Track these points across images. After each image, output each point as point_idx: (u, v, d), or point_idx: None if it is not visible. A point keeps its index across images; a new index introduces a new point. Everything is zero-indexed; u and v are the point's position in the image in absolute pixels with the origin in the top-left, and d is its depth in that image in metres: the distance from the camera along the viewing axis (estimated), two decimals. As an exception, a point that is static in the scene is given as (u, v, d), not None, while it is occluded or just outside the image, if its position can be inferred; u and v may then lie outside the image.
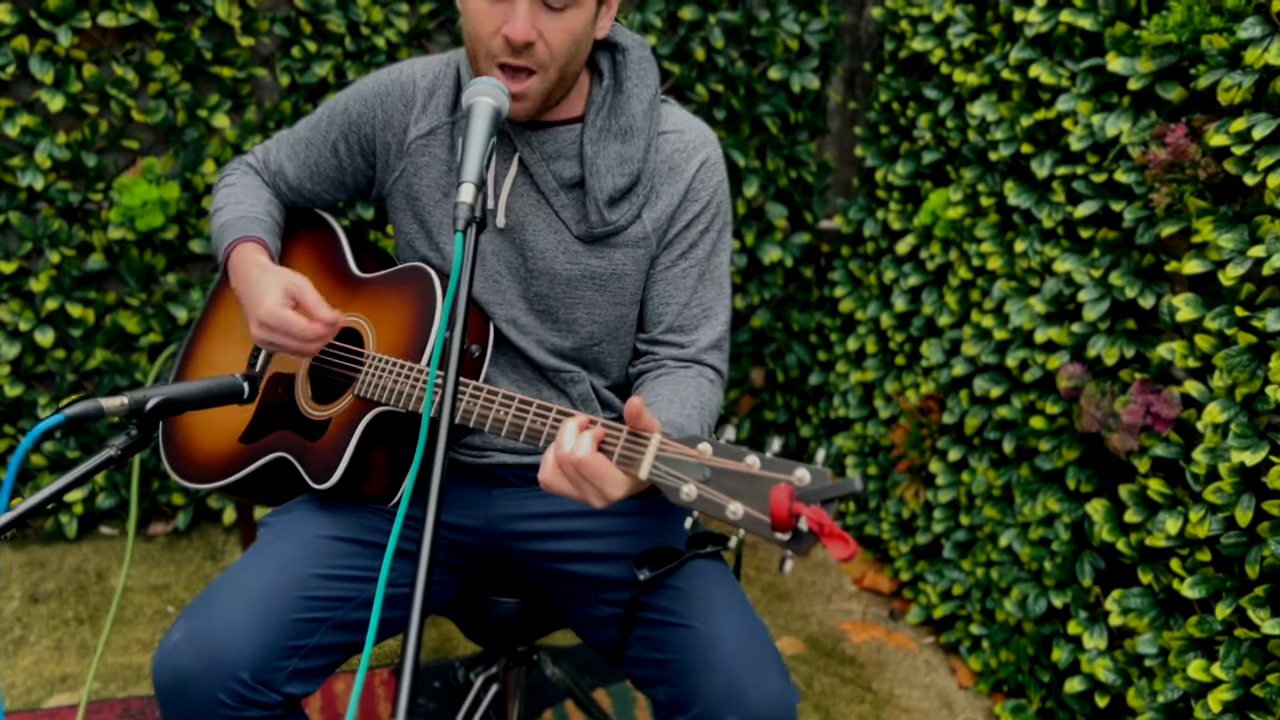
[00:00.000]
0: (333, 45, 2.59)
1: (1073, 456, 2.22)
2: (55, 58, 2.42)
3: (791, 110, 2.98)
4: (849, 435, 3.03)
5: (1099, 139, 2.10)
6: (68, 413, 1.07)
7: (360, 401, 1.51)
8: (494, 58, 1.43)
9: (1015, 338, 2.37)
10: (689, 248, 1.59)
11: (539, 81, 1.45)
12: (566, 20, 1.42)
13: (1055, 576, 2.26)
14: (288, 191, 1.75)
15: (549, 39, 1.42)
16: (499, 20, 1.41)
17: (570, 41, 1.43)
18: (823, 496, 1.07)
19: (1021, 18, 2.30)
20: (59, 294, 2.56)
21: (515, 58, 1.42)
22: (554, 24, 1.41)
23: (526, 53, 1.42)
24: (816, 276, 3.23)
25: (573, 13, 1.42)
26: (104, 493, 2.74)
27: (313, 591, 1.43)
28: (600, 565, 1.54)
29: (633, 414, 1.20)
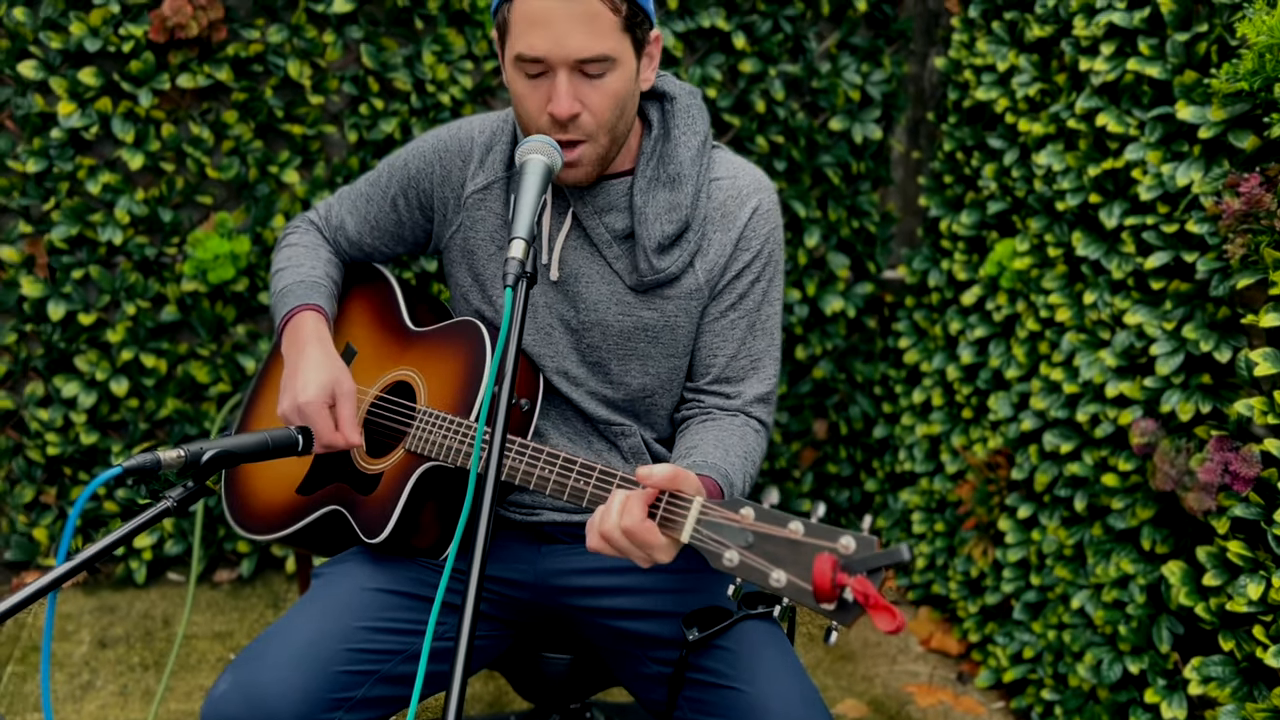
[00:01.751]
0: (399, 102, 2.65)
1: (1147, 516, 2.13)
2: (136, 118, 2.51)
3: (854, 160, 2.96)
4: (915, 490, 2.96)
5: (1169, 189, 2.04)
6: (124, 466, 1.09)
7: (411, 456, 1.52)
8: (543, 130, 1.45)
9: (1086, 392, 2.30)
10: (739, 298, 1.58)
11: (590, 148, 1.46)
12: (607, 84, 1.43)
13: (1131, 641, 2.16)
14: (348, 247, 1.78)
15: (592, 107, 1.43)
16: (544, 98, 1.43)
17: (614, 105, 1.45)
18: (869, 566, 1.04)
19: (1087, 66, 2.27)
20: (134, 345, 2.63)
21: (563, 133, 1.44)
22: (595, 91, 1.43)
23: (573, 125, 1.43)
24: (880, 327, 3.18)
25: (612, 76, 1.43)
26: (172, 539, 2.79)
27: (360, 644, 1.43)
28: (649, 623, 1.52)
29: (666, 480, 1.19)
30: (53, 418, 2.63)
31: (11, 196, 2.50)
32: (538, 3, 1.38)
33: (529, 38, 1.39)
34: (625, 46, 1.43)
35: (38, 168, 2.47)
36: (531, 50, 1.39)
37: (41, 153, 2.48)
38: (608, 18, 1.40)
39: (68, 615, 2.68)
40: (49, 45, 2.41)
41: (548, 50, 1.39)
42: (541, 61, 1.40)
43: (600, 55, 1.40)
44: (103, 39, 2.42)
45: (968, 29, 2.76)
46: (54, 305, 2.56)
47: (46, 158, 2.48)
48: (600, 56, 1.40)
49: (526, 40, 1.39)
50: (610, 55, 1.41)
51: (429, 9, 2.60)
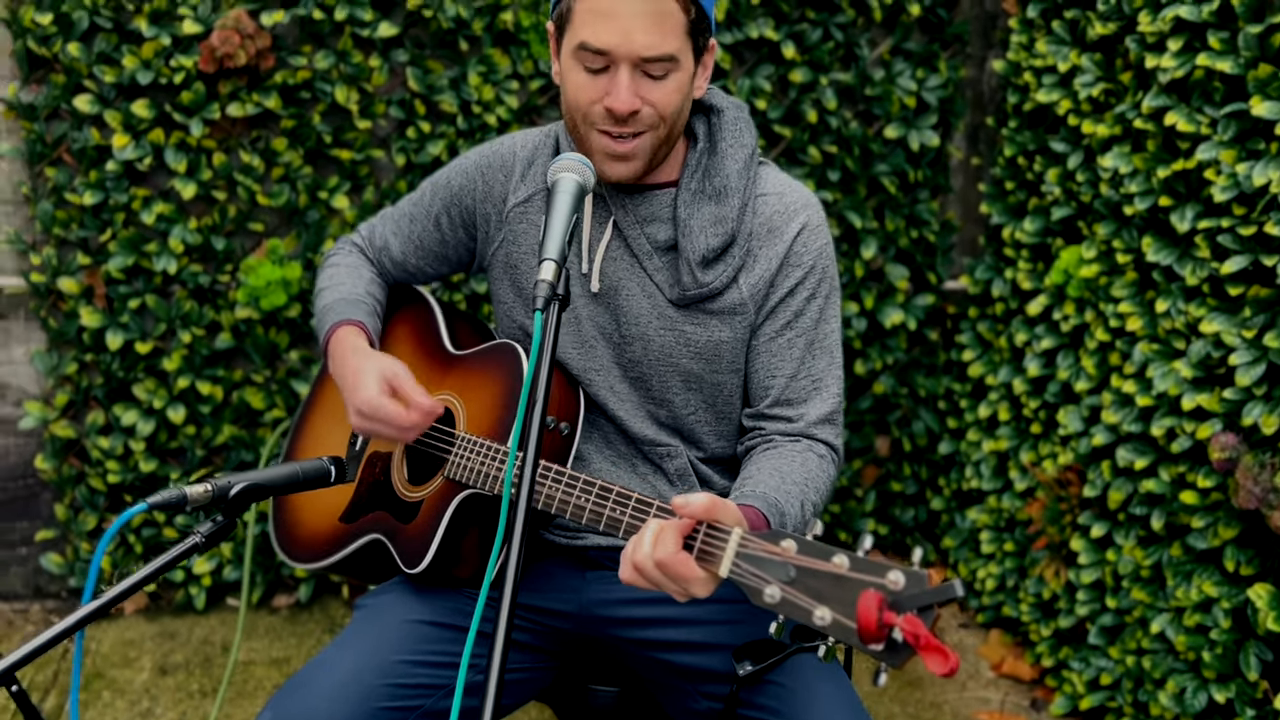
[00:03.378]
0: (446, 124, 2.64)
1: (1230, 535, 2.01)
2: (188, 148, 2.54)
3: (910, 169, 2.88)
4: (983, 508, 2.86)
5: (1245, 189, 1.94)
6: (150, 502, 1.08)
7: (450, 483, 1.49)
8: (594, 125, 1.42)
9: (1160, 404, 2.18)
10: (795, 316, 1.52)
11: (649, 139, 1.43)
12: (668, 84, 1.40)
13: (1216, 668, 2.04)
14: (392, 267, 1.76)
15: (656, 102, 1.40)
16: (601, 90, 1.40)
17: (675, 102, 1.42)
18: (919, 603, 0.96)
19: (1154, 64, 2.16)
20: (190, 372, 2.65)
21: (620, 126, 1.40)
22: (656, 89, 1.40)
23: (631, 120, 1.40)
24: (943, 339, 3.09)
25: (674, 77, 1.40)
26: (230, 565, 2.80)
27: (401, 679, 1.40)
28: (699, 656, 1.46)
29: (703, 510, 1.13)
30: (113, 446, 2.66)
31: (70, 229, 2.54)
32: None
33: (595, 28, 1.36)
34: (687, 50, 1.41)
35: (94, 200, 2.51)
36: (597, 41, 1.36)
37: (98, 185, 2.52)
38: (677, 17, 1.38)
39: (130, 641, 2.70)
40: (103, 79, 2.45)
41: (615, 43, 1.36)
42: (605, 54, 1.37)
43: (666, 55, 1.37)
44: (154, 71, 2.45)
45: (1026, 30, 2.66)
46: (112, 335, 2.59)
47: (103, 190, 2.52)
48: (666, 56, 1.37)
49: (593, 29, 1.36)
50: (674, 56, 1.38)
51: (474, 30, 2.59)
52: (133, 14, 2.46)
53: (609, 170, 1.44)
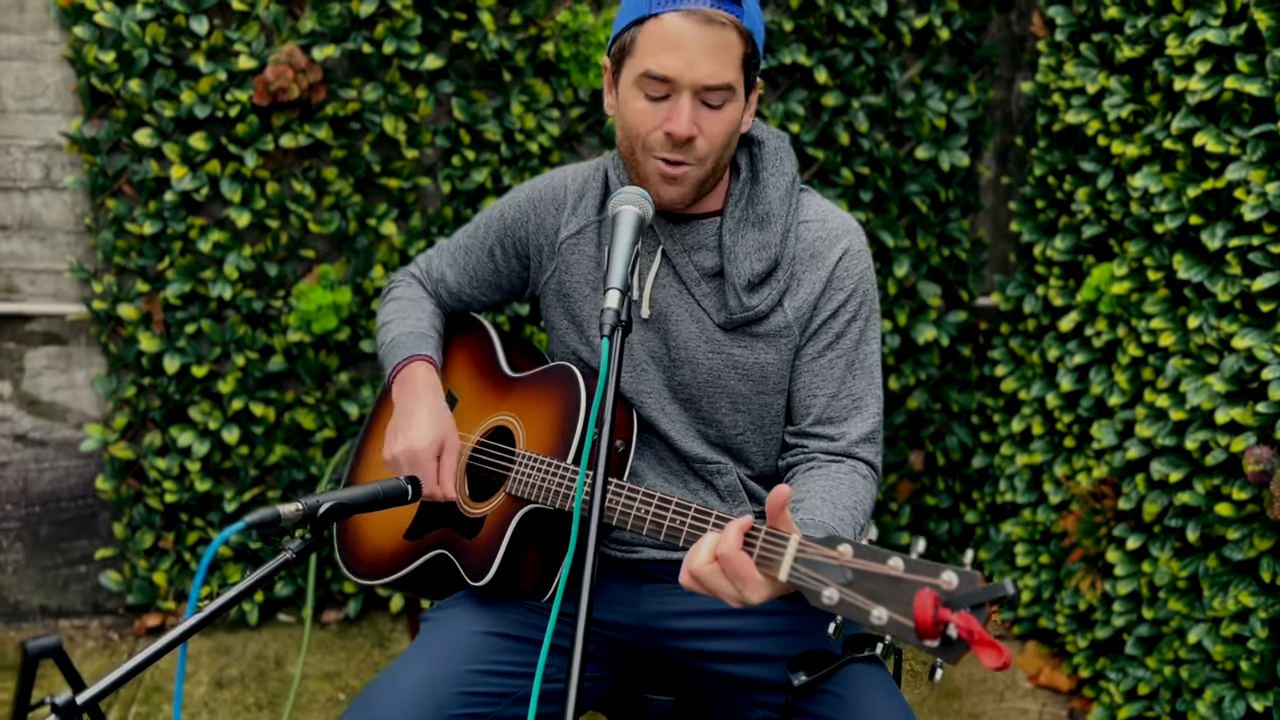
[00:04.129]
0: (490, 153, 2.73)
1: (1266, 546, 2.05)
2: (242, 178, 2.63)
3: (941, 188, 2.94)
4: (1017, 522, 2.90)
5: (1275, 208, 1.99)
6: (248, 520, 1.15)
7: (512, 499, 1.56)
8: (652, 151, 1.49)
9: (1194, 418, 2.23)
10: (836, 338, 1.58)
11: (696, 170, 1.50)
12: (724, 114, 1.48)
13: (1254, 677, 2.08)
14: (448, 298, 1.84)
15: (708, 132, 1.47)
16: (661, 117, 1.47)
17: (726, 134, 1.49)
18: (972, 601, 1.03)
19: (1183, 86, 2.22)
20: (244, 394, 2.74)
21: (675, 152, 1.47)
22: (713, 118, 1.47)
23: (687, 148, 1.47)
24: (975, 355, 3.14)
25: (729, 107, 1.48)
26: (281, 581, 2.88)
27: (471, 687, 1.46)
28: (753, 666, 1.52)
29: (775, 507, 1.19)
30: (169, 466, 2.75)
31: (130, 257, 2.64)
32: (672, 24, 1.42)
33: (660, 56, 1.43)
34: (741, 82, 1.48)
35: (153, 229, 2.61)
36: (662, 69, 1.43)
37: (156, 215, 2.61)
38: (737, 49, 1.45)
39: (187, 656, 2.78)
40: (162, 114, 2.55)
41: (679, 71, 1.43)
42: (669, 82, 1.44)
43: (725, 84, 1.45)
44: (211, 105, 2.55)
45: (1055, 52, 2.72)
46: (169, 359, 2.68)
47: (161, 219, 2.62)
48: (725, 85, 1.45)
49: (657, 59, 1.43)
50: (733, 85, 1.46)
51: (516, 61, 2.67)
52: (190, 51, 2.56)
53: (663, 193, 1.51)
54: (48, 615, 2.90)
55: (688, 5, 1.42)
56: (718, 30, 1.42)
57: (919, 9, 2.87)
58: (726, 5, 1.43)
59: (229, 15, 2.58)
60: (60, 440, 2.80)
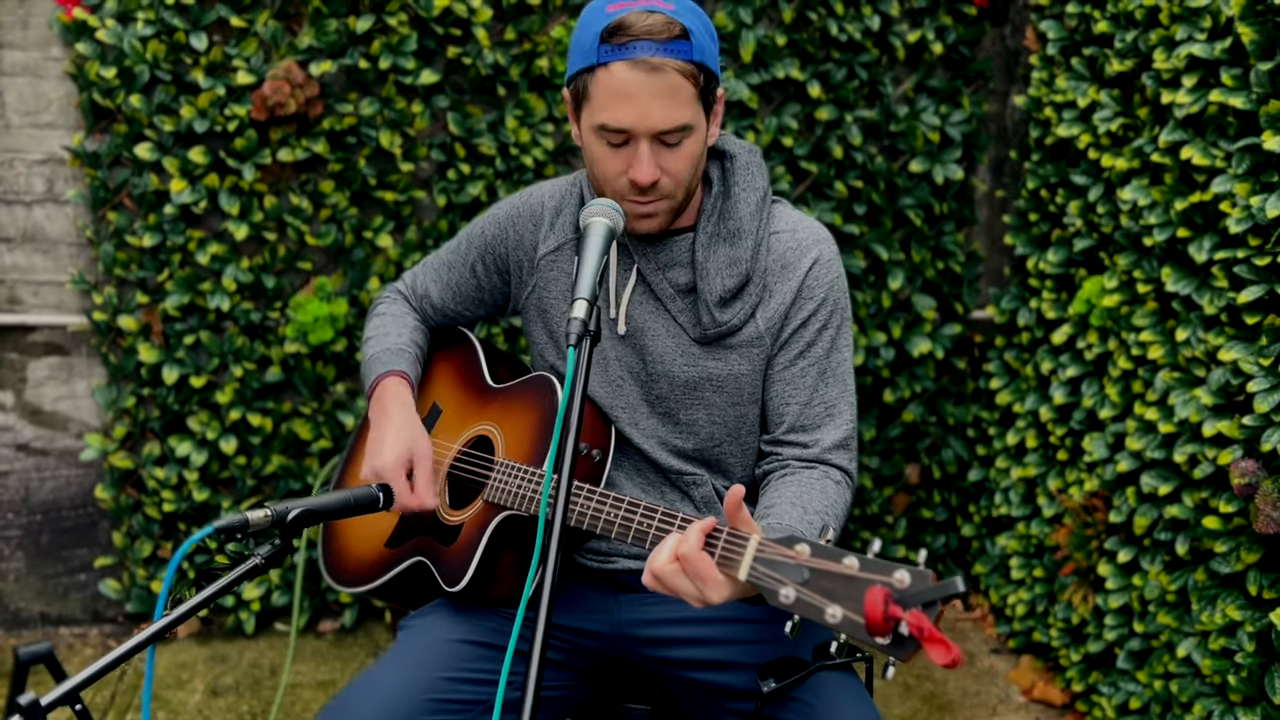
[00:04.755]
0: (485, 166, 2.76)
1: (1253, 560, 2.05)
2: (240, 191, 2.67)
3: (935, 201, 2.95)
4: (1012, 535, 2.90)
5: (1260, 221, 1.99)
6: (216, 525, 1.17)
7: (489, 506, 1.57)
8: (621, 195, 1.51)
9: (1183, 431, 2.22)
10: (807, 346, 1.59)
11: (667, 203, 1.52)
12: (684, 150, 1.49)
13: (1242, 691, 2.07)
14: (433, 313, 1.86)
15: (671, 171, 1.49)
16: (624, 163, 1.48)
17: (690, 165, 1.51)
18: (924, 599, 1.04)
19: (1170, 99, 2.23)
20: (241, 405, 2.77)
21: (641, 195, 1.49)
22: (674, 156, 1.48)
23: (652, 190, 1.49)
24: (971, 368, 3.14)
25: (688, 142, 1.48)
26: (279, 591, 2.91)
27: (443, 694, 1.47)
28: (725, 674, 1.53)
29: (732, 507, 1.20)
30: (168, 476, 2.78)
31: (130, 269, 2.68)
32: (622, 77, 1.43)
33: (614, 110, 1.44)
34: (699, 113, 1.49)
35: (153, 242, 2.64)
36: (616, 122, 1.45)
37: (156, 227, 2.65)
38: (687, 90, 1.45)
39: (183, 664, 2.80)
40: (162, 128, 2.59)
41: (632, 123, 1.44)
42: (625, 132, 1.46)
43: (681, 125, 1.46)
44: (210, 120, 2.59)
45: (1047, 66, 2.73)
46: (168, 369, 2.71)
47: (160, 232, 2.65)
48: (681, 126, 1.46)
49: (611, 113, 1.45)
50: (689, 124, 1.47)
51: (511, 76, 2.70)
52: (190, 67, 2.60)
53: (638, 227, 1.53)
54: (48, 623, 2.93)
55: (633, 55, 1.42)
56: (666, 76, 1.42)
57: (912, 23, 2.88)
58: (673, 48, 1.43)
59: (228, 32, 2.62)
60: (61, 450, 2.84)
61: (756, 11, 2.78)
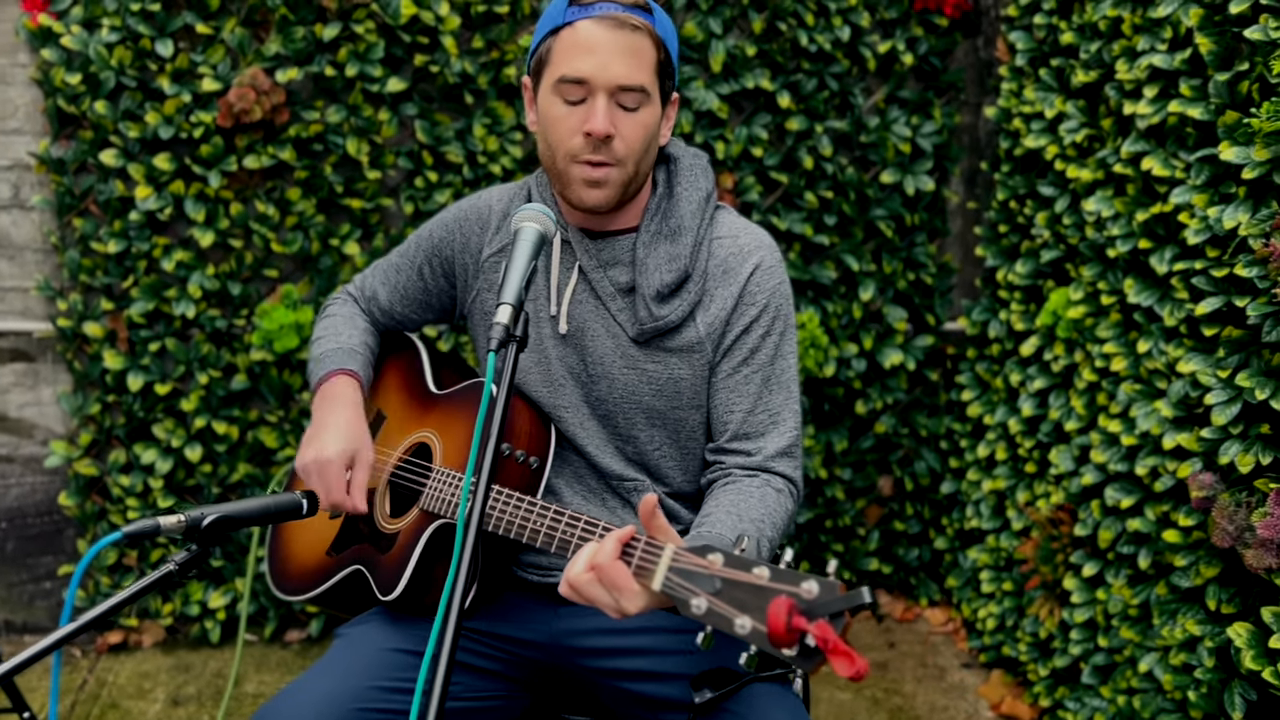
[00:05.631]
0: (452, 174, 2.75)
1: (1212, 574, 2.02)
2: (206, 198, 2.67)
3: (907, 213, 2.94)
4: (983, 548, 2.87)
5: (1217, 231, 1.97)
6: (126, 530, 1.15)
7: (425, 515, 1.56)
8: (574, 156, 1.51)
9: (1145, 444, 2.21)
10: (750, 353, 1.58)
11: (618, 172, 1.52)
12: (640, 116, 1.51)
13: (1202, 708, 2.04)
14: (381, 316, 1.85)
15: (624, 134, 1.50)
16: (579, 120, 1.49)
17: (644, 137, 1.51)
18: (830, 610, 1.02)
19: (1132, 110, 2.22)
20: (207, 412, 2.76)
21: (595, 153, 1.50)
22: (629, 119, 1.50)
23: (605, 148, 1.49)
24: (944, 380, 3.12)
25: (645, 110, 1.51)
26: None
27: (373, 704, 1.46)
28: (659, 685, 1.51)
29: (646, 515, 1.19)
30: (133, 483, 2.77)
31: (95, 275, 2.67)
32: (586, 31, 1.47)
33: (575, 61, 1.47)
34: (656, 89, 1.52)
35: (118, 248, 2.64)
36: (576, 72, 1.47)
37: (121, 234, 2.65)
38: (649, 54, 1.49)
39: (145, 674, 2.79)
40: (127, 134, 2.59)
41: (593, 72, 1.46)
42: (584, 84, 1.47)
43: (639, 85, 1.48)
44: (175, 126, 2.59)
45: (1016, 77, 2.73)
46: (133, 377, 2.70)
47: (126, 238, 2.65)
48: (639, 87, 1.48)
49: (572, 64, 1.47)
50: (646, 88, 1.49)
51: (479, 84, 2.70)
52: (156, 73, 2.60)
53: (587, 197, 1.52)
54: (13, 630, 2.91)
55: (600, 11, 1.47)
56: (630, 34, 1.47)
57: (883, 34, 2.88)
58: (637, 11, 1.48)
59: (195, 39, 2.62)
60: (27, 457, 2.83)
61: (726, 22, 2.77)
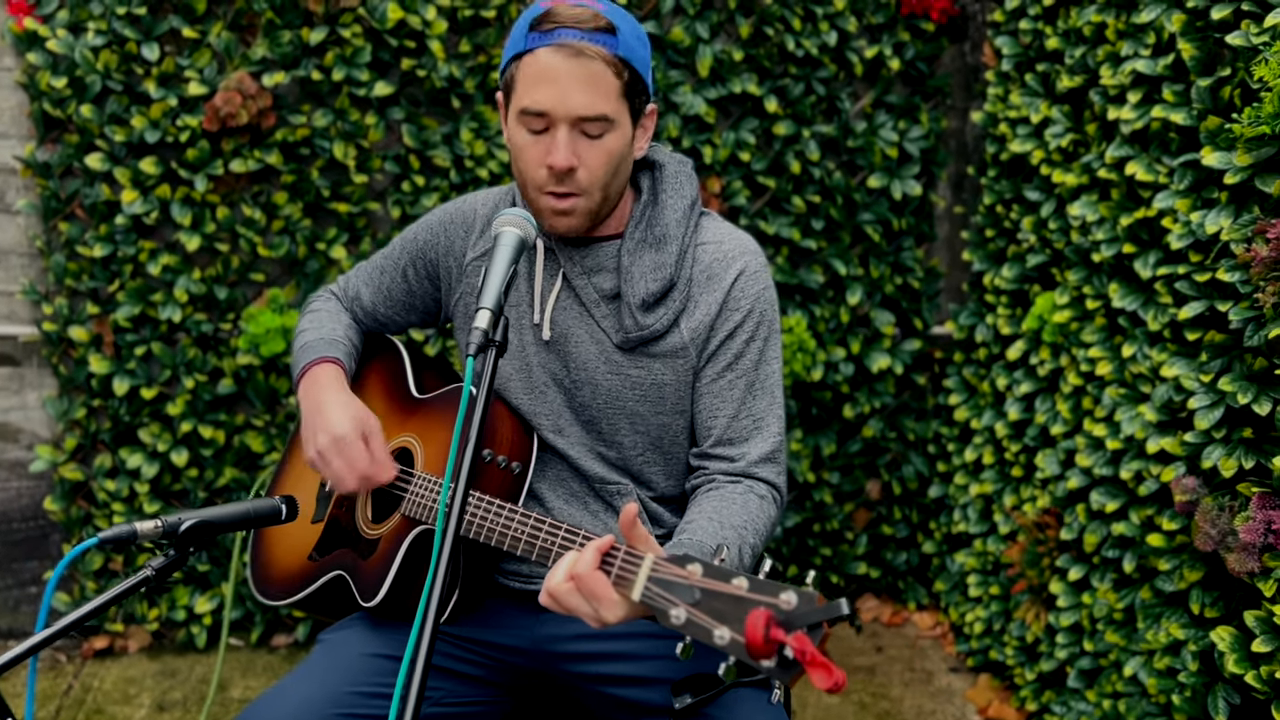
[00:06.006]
0: (439, 178, 2.75)
1: (1195, 578, 2.03)
2: (193, 202, 2.66)
3: (894, 217, 2.94)
4: (970, 552, 2.88)
5: (1200, 236, 1.98)
6: (102, 536, 1.15)
7: (406, 520, 1.55)
8: (541, 187, 1.50)
9: (1129, 448, 2.21)
10: (735, 358, 1.58)
11: (584, 201, 1.51)
12: (604, 144, 1.48)
13: (1186, 712, 2.04)
14: (364, 317, 1.85)
15: (588, 163, 1.48)
16: (543, 152, 1.48)
17: (608, 163, 1.49)
18: (808, 621, 1.02)
19: (1116, 115, 2.22)
20: (193, 417, 2.76)
21: (560, 185, 1.48)
22: (593, 149, 1.48)
23: (569, 179, 1.48)
24: (931, 384, 3.13)
25: (609, 137, 1.48)
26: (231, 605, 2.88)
27: (352, 709, 1.45)
28: (642, 690, 1.51)
29: (626, 525, 1.19)
30: (119, 488, 2.76)
31: (81, 279, 2.66)
32: (545, 60, 1.44)
33: (535, 93, 1.45)
34: (623, 112, 1.49)
35: (104, 252, 2.63)
36: (536, 105, 1.45)
37: (107, 238, 2.64)
38: (610, 81, 1.46)
39: (131, 679, 2.78)
40: (113, 138, 2.58)
41: (552, 105, 1.44)
42: (545, 116, 1.46)
43: (600, 115, 1.46)
44: (162, 130, 2.58)
45: (1003, 82, 2.74)
46: (119, 381, 2.70)
47: (112, 242, 2.64)
48: (600, 116, 1.46)
49: (532, 96, 1.45)
50: (609, 116, 1.46)
51: (466, 89, 2.70)
52: (142, 77, 2.60)
53: (556, 224, 1.52)
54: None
55: (558, 39, 1.44)
56: (588, 63, 1.43)
57: (870, 39, 2.88)
58: (597, 37, 1.44)
59: (181, 42, 2.62)
60: (12, 461, 2.82)
61: (713, 27, 2.78)
